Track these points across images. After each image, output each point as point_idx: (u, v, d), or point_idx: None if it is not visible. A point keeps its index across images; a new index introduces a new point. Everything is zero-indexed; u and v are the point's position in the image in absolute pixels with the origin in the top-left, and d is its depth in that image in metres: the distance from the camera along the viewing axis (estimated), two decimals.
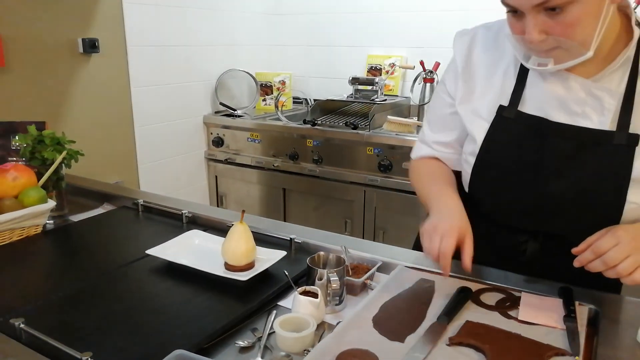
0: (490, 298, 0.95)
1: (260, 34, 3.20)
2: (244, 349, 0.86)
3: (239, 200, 2.94)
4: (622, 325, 0.86)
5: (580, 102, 0.92)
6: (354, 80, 2.77)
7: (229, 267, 1.07)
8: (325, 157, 2.55)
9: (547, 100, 0.95)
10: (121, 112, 2.44)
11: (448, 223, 0.94)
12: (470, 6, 2.61)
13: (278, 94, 2.94)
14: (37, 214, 1.26)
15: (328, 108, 2.77)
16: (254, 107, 3.05)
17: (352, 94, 2.81)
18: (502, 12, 0.91)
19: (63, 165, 1.40)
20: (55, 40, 2.10)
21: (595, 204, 0.93)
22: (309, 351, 0.81)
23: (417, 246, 1.03)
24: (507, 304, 0.92)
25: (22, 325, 0.84)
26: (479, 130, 1.03)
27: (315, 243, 1.20)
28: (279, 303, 1.01)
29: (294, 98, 3.13)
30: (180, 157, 2.81)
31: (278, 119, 2.73)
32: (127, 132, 2.49)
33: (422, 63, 2.66)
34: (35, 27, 2.02)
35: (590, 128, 0.92)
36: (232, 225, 1.08)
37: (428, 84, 2.66)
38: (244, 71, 3.00)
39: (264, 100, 3.09)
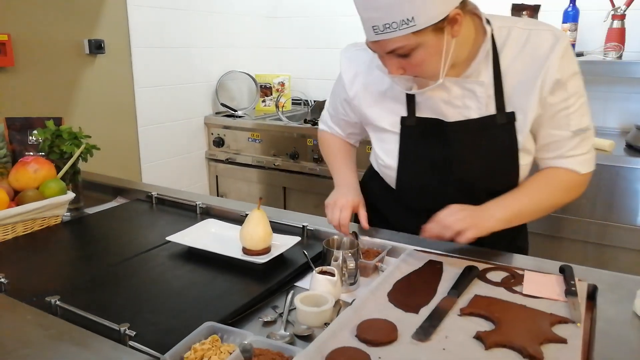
0: (496, 276, 1.01)
1: (259, 36, 3.26)
2: (267, 323, 0.91)
3: (239, 200, 2.98)
4: (619, 299, 0.93)
5: (459, 97, 1.10)
6: None
7: (247, 251, 1.12)
8: None
9: (435, 103, 1.12)
10: (125, 112, 2.49)
11: (344, 198, 1.22)
12: None
13: (278, 95, 3.00)
14: (57, 204, 1.31)
15: None
16: (254, 108, 3.11)
17: None
18: None
19: (80, 159, 1.45)
20: (62, 41, 2.15)
21: (499, 175, 1.14)
22: (328, 324, 0.87)
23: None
24: (512, 281, 0.98)
25: (57, 302, 0.89)
26: (390, 141, 1.20)
27: (326, 230, 1.25)
28: (295, 284, 1.07)
29: (293, 99, 3.19)
30: (182, 157, 2.86)
31: (278, 119, 2.79)
32: (131, 132, 2.54)
33: None
34: (43, 29, 2.07)
35: (475, 118, 1.10)
36: (248, 213, 1.14)
37: None
38: (244, 72, 3.06)
39: (264, 101, 3.15)
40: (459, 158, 1.13)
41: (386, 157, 1.22)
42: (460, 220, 1.04)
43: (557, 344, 0.78)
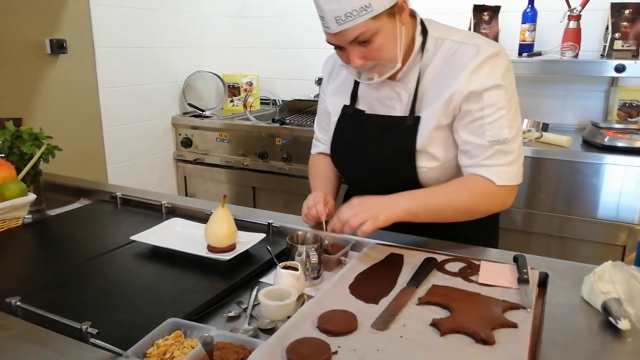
0: (454, 267, 1.05)
1: (227, 36, 3.26)
2: (231, 318, 0.93)
3: (208, 200, 2.97)
4: (568, 286, 0.98)
5: (389, 97, 1.22)
6: (320, 81, 2.85)
7: (211, 249, 1.13)
8: (294, 155, 2.62)
9: (371, 99, 1.25)
10: (89, 113, 2.45)
11: (314, 195, 1.26)
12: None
13: (246, 95, 3.00)
14: (18, 206, 1.29)
15: (296, 108, 2.85)
16: (222, 108, 3.10)
17: (318, 94, 2.89)
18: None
19: (41, 160, 1.43)
20: (22, 40, 2.11)
21: (396, 170, 1.22)
22: (259, 328, 0.89)
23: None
24: (469, 271, 1.02)
25: (18, 303, 0.89)
26: (332, 125, 1.33)
27: (291, 227, 1.27)
28: (260, 280, 1.08)
29: (261, 99, 3.20)
30: (149, 158, 2.83)
31: (247, 119, 2.79)
32: (96, 133, 2.50)
33: None
34: (3, 28, 2.02)
35: (392, 115, 1.21)
36: (213, 211, 1.15)
37: None
38: (212, 72, 3.05)
39: (232, 101, 3.14)
40: (368, 147, 1.24)
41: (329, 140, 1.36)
42: (356, 216, 1.06)
43: (509, 328, 0.82)
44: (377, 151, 1.23)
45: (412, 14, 1.18)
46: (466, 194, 1.14)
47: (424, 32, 1.18)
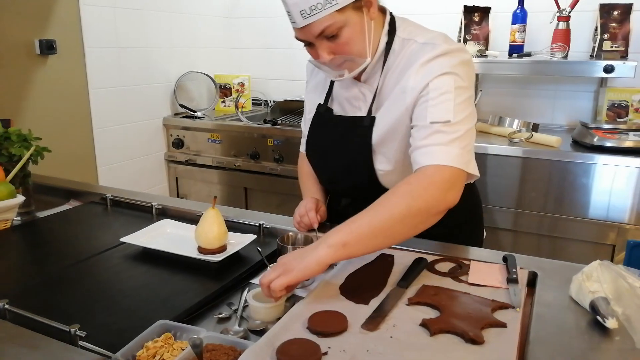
0: (444, 267, 1.05)
1: (218, 37, 3.25)
2: (222, 320, 0.93)
3: (200, 201, 2.96)
4: (557, 285, 0.98)
5: (356, 98, 1.23)
6: None
7: (202, 250, 1.13)
8: (285, 156, 2.62)
9: (342, 99, 1.26)
10: (79, 113, 2.44)
11: (305, 202, 1.27)
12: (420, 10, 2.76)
13: (237, 96, 2.99)
14: (6, 208, 1.28)
15: (287, 108, 2.85)
16: (214, 108, 3.10)
17: None
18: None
19: (30, 161, 1.42)
20: (11, 41, 2.09)
21: (357, 171, 1.22)
22: (249, 329, 0.89)
23: None
24: (459, 271, 1.03)
25: (6, 306, 0.88)
26: (307, 122, 1.35)
27: (282, 228, 1.27)
28: (251, 281, 1.08)
29: (253, 99, 3.19)
30: (140, 159, 2.82)
31: (238, 120, 2.79)
32: (86, 134, 2.49)
33: None
34: None
35: (354, 116, 1.22)
36: (203, 213, 1.14)
37: None
38: (203, 73, 3.04)
39: (223, 102, 3.14)
40: (331, 147, 1.26)
41: (304, 139, 1.39)
42: (269, 275, 0.90)
43: (498, 328, 0.82)
44: (340, 151, 1.24)
45: (383, 11, 1.18)
46: (392, 198, 0.98)
47: (392, 32, 1.16)
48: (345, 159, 1.23)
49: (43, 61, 2.23)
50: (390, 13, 1.19)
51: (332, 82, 1.29)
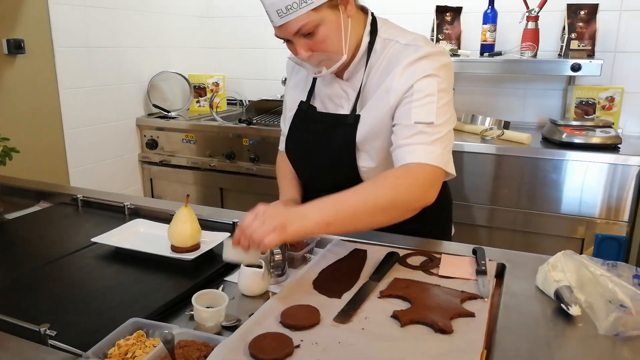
0: (416, 261, 1.07)
1: (192, 37, 3.23)
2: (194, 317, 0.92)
3: (172, 201, 2.94)
4: (524, 276, 1.01)
5: (338, 96, 1.24)
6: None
7: (175, 249, 1.12)
8: (261, 156, 2.62)
9: (324, 96, 1.27)
10: (49, 114, 2.39)
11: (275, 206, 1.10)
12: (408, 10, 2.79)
13: (212, 95, 2.98)
14: None
15: (262, 108, 2.85)
16: (188, 108, 3.07)
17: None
18: None
19: None
20: None
21: (340, 168, 1.23)
22: (223, 325, 0.88)
23: None
24: (430, 264, 1.05)
25: None
26: (288, 120, 1.35)
27: None
28: (225, 278, 1.08)
29: (227, 99, 3.18)
30: (113, 160, 2.78)
31: (213, 120, 2.77)
32: (56, 135, 2.44)
33: None
34: None
35: (337, 113, 1.23)
36: (176, 211, 1.14)
37: None
38: (177, 73, 3.02)
39: (198, 102, 3.11)
40: (313, 145, 1.27)
41: (283, 137, 1.39)
42: (258, 228, 0.90)
43: (466, 317, 0.84)
44: (322, 148, 1.25)
45: (364, 11, 1.21)
46: (379, 188, 1.03)
47: (374, 32, 1.20)
48: (328, 156, 1.24)
49: (11, 61, 2.18)
50: (372, 13, 1.22)
51: (314, 80, 1.30)
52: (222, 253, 1.01)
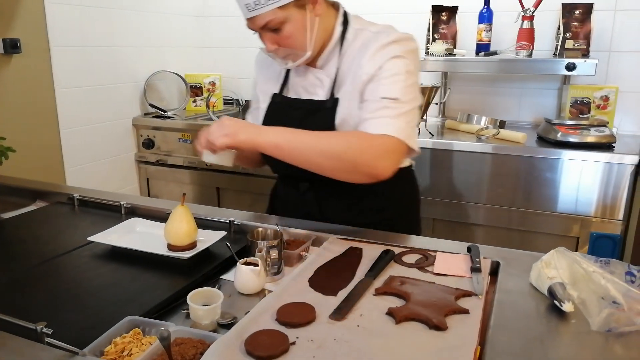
0: (411, 258, 1.08)
1: (189, 36, 3.23)
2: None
3: (168, 200, 2.94)
4: (518, 273, 1.02)
5: (312, 85, 1.28)
6: None
7: (172, 247, 1.13)
8: None
9: (298, 87, 1.31)
10: (46, 113, 2.39)
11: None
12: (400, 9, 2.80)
13: (208, 95, 2.98)
14: None
15: None
16: (184, 108, 3.07)
17: None
18: None
19: None
20: None
21: None
22: (219, 323, 0.88)
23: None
24: (425, 262, 1.05)
25: None
26: (261, 112, 1.37)
27: (253, 224, 1.28)
28: (222, 277, 1.09)
29: (224, 99, 3.18)
30: (110, 160, 2.78)
31: (210, 119, 2.77)
32: (53, 135, 2.44)
33: None
34: None
35: (314, 100, 1.27)
36: (172, 210, 1.14)
37: None
38: (173, 72, 3.02)
39: (194, 101, 3.12)
40: None
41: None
42: (214, 132, 1.11)
43: (461, 314, 0.85)
44: None
45: (336, 7, 1.26)
46: (336, 137, 1.14)
47: (345, 24, 1.25)
48: None
49: (7, 60, 2.18)
50: (343, 9, 1.27)
51: (287, 72, 1.33)
52: (217, 250, 1.11)
